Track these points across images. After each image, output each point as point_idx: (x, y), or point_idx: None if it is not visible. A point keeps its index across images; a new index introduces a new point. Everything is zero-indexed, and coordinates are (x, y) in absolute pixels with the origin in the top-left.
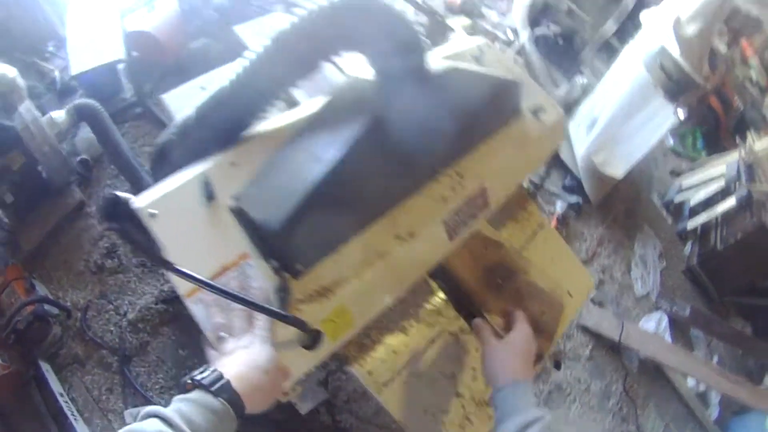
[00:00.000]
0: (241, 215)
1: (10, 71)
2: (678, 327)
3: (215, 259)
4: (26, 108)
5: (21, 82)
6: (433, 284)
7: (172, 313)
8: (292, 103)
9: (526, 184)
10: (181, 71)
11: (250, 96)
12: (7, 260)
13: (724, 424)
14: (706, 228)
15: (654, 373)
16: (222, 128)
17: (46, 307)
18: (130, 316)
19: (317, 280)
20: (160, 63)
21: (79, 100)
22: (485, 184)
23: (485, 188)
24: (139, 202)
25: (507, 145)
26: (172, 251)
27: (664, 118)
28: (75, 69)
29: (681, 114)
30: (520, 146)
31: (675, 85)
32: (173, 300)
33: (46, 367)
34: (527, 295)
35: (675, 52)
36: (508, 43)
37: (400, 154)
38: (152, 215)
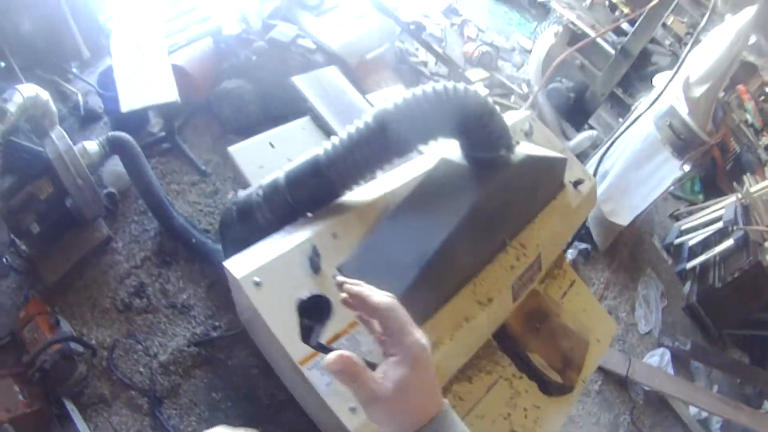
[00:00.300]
0: None
1: (43, 94)
2: (680, 360)
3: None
4: (59, 135)
5: (53, 106)
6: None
7: (205, 356)
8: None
9: None
10: (211, 109)
11: (346, 169)
12: (27, 291)
13: None
14: (704, 267)
15: (659, 404)
16: (313, 197)
17: (71, 344)
18: (161, 357)
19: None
20: (190, 99)
21: (112, 132)
22: (540, 251)
23: (539, 255)
24: (238, 270)
25: (555, 216)
26: (277, 319)
27: (670, 171)
28: (126, 106)
29: (687, 168)
30: (565, 216)
31: (683, 142)
32: (206, 343)
33: (70, 407)
34: (559, 334)
35: (683, 111)
36: (523, 97)
37: (487, 233)
38: (257, 284)
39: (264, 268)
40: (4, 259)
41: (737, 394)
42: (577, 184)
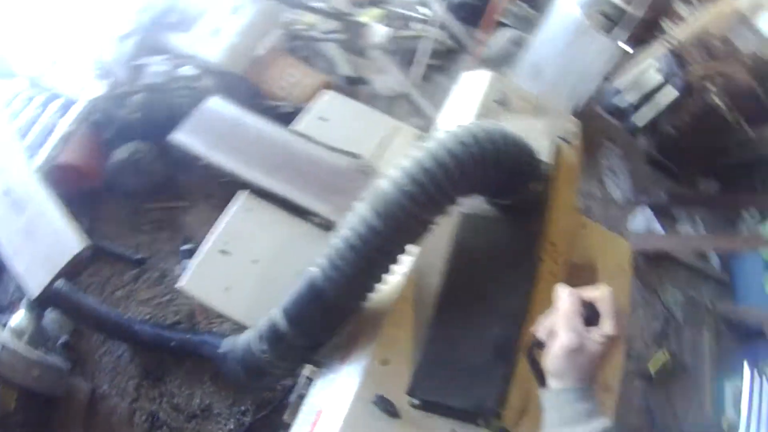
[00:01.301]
0: (437, 407)
1: None
2: (661, 212)
3: None
4: None
5: None
6: None
7: None
8: None
9: None
10: (114, 188)
11: (354, 283)
12: None
13: (727, 268)
14: (655, 120)
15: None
16: (328, 326)
17: None
18: None
19: (514, 408)
20: (89, 189)
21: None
22: (567, 231)
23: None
24: None
25: (565, 190)
26: None
27: (606, 51)
28: (35, 289)
29: (627, 48)
30: (570, 180)
31: (613, 23)
32: None
33: None
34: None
35: None
36: (424, 21)
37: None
38: None
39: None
40: None
41: (722, 224)
42: (566, 137)
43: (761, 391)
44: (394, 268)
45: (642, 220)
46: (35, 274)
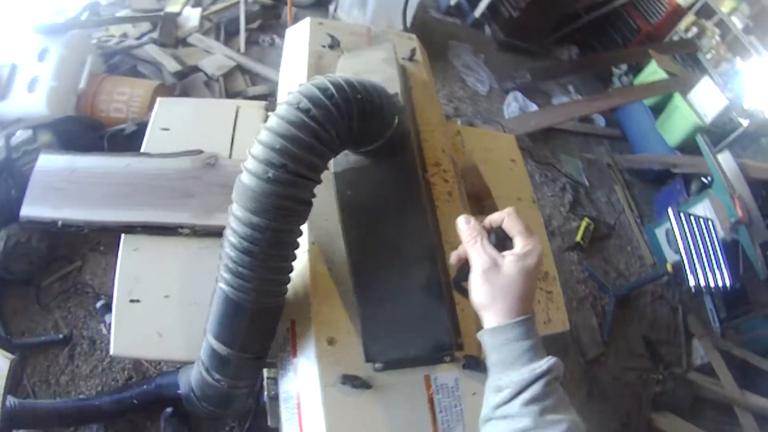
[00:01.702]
0: (399, 363)
1: None
2: (531, 91)
3: None
4: None
5: None
6: None
7: None
8: None
9: None
10: (5, 282)
11: (266, 280)
12: None
13: (613, 123)
14: (493, 7)
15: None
16: (262, 331)
17: None
18: None
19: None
20: None
21: None
22: (445, 145)
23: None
24: None
25: (425, 106)
26: None
27: None
28: None
29: None
30: (427, 94)
31: None
32: None
33: None
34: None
35: None
36: None
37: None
38: None
39: None
40: None
41: (593, 84)
42: (411, 56)
43: (689, 227)
44: (296, 252)
45: (515, 105)
46: None
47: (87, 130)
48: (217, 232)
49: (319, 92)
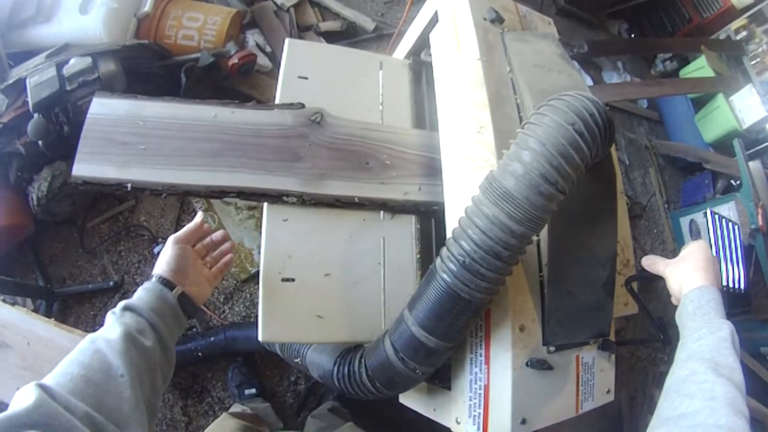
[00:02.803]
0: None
1: None
2: (585, 62)
3: None
4: None
5: None
6: None
7: None
8: None
9: None
10: (45, 225)
11: (499, 281)
12: None
13: (654, 107)
14: None
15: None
16: (468, 323)
17: None
18: None
19: None
20: (24, 239)
21: None
22: None
23: None
24: None
25: None
26: None
27: None
28: None
29: None
30: None
31: None
32: None
33: None
34: None
35: None
36: None
37: None
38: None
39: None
40: None
41: (640, 64)
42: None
43: (720, 228)
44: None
45: None
46: None
47: (154, 60)
48: (328, 201)
49: (589, 117)
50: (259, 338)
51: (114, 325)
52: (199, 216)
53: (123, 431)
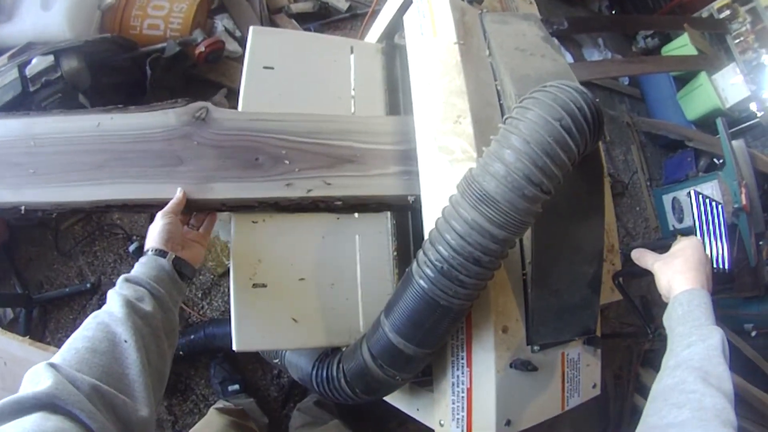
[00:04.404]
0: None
1: None
2: (565, 39)
3: None
4: None
5: None
6: None
7: None
8: None
9: None
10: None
11: (479, 286)
12: None
13: (636, 79)
14: None
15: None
16: (449, 330)
17: None
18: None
19: None
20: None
21: None
22: None
23: None
24: None
25: None
26: None
27: None
28: None
29: None
30: None
31: None
32: None
33: None
34: None
35: None
36: None
37: None
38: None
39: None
40: None
41: (620, 41)
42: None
43: (705, 209)
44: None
45: None
46: None
47: (119, 52)
48: (215, 207)
49: (577, 111)
50: (234, 348)
51: (114, 297)
52: (180, 191)
53: (130, 398)
